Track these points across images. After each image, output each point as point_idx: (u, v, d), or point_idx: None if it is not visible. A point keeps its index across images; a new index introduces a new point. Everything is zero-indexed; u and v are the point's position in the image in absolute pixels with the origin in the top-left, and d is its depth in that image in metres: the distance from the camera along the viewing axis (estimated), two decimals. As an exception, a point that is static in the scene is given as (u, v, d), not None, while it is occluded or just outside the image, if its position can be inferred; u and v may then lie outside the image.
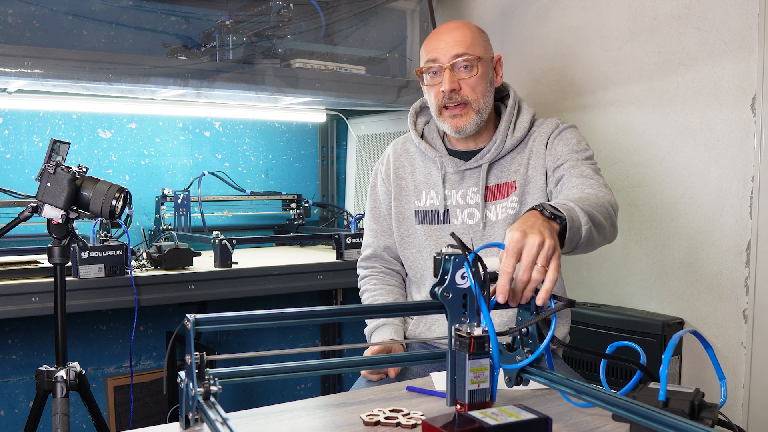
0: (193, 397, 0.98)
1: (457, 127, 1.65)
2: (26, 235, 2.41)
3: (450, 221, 1.71)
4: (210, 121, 2.89)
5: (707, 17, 2.14)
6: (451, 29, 1.67)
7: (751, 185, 2.06)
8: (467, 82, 1.64)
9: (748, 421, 2.09)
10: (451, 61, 1.63)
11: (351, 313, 1.19)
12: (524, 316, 1.17)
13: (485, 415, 0.95)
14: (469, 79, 1.64)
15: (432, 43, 1.67)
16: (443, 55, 1.64)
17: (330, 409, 1.17)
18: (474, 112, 1.65)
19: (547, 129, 1.69)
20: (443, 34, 1.67)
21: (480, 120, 1.67)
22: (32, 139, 2.52)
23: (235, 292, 2.21)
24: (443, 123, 1.68)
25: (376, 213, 1.83)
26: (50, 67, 1.96)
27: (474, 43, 1.65)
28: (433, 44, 1.67)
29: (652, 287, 2.32)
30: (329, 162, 3.19)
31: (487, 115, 1.68)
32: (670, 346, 0.89)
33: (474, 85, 1.64)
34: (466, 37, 1.65)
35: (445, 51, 1.64)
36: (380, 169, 1.83)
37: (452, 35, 1.65)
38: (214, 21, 2.42)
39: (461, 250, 1.10)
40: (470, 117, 1.65)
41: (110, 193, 1.62)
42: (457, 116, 1.65)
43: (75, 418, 2.54)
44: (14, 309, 1.87)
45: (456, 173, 1.71)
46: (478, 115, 1.65)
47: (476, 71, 1.64)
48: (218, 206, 2.88)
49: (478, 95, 1.65)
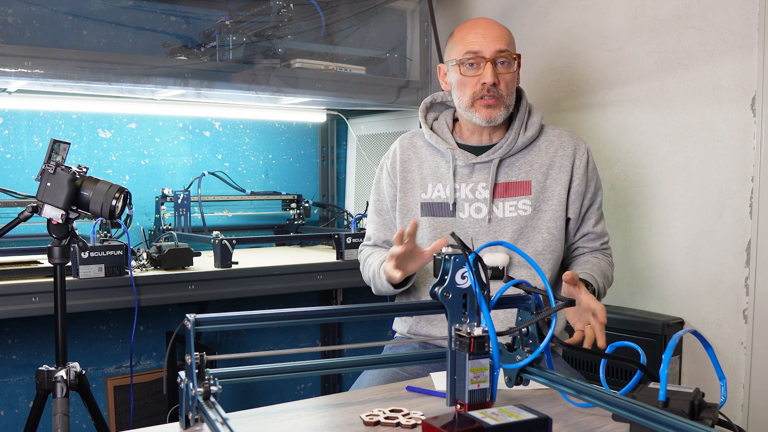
0: (193, 397, 0.99)
1: (490, 117, 1.70)
2: (26, 235, 2.41)
3: (457, 214, 1.72)
4: (210, 121, 2.89)
5: (707, 17, 2.14)
6: (491, 25, 1.72)
7: (751, 185, 2.06)
8: (504, 77, 1.69)
9: (748, 421, 2.09)
10: (493, 56, 1.67)
11: (351, 313, 1.19)
12: (524, 316, 1.17)
13: (485, 415, 0.95)
14: (506, 75, 1.69)
15: (472, 37, 1.69)
16: (486, 48, 1.67)
17: (330, 409, 1.17)
18: (504, 105, 1.71)
19: (568, 145, 1.75)
20: (483, 28, 1.70)
21: (507, 114, 1.73)
22: (32, 139, 2.52)
23: (235, 292, 2.21)
24: (475, 113, 1.71)
25: (379, 206, 1.84)
26: (50, 67, 1.96)
27: (511, 41, 1.72)
28: (472, 37, 1.69)
29: (652, 287, 2.32)
30: (329, 162, 3.19)
31: (510, 111, 1.74)
32: (670, 346, 0.89)
33: (509, 81, 1.70)
34: (504, 34, 1.71)
35: (488, 45, 1.67)
36: (386, 163, 1.84)
37: (493, 31, 1.69)
38: (214, 21, 2.42)
39: (461, 250, 1.10)
40: (501, 109, 1.70)
41: (110, 193, 1.62)
42: (492, 107, 1.69)
43: (75, 418, 2.54)
44: (14, 309, 1.87)
45: (466, 166, 1.74)
46: (506, 109, 1.72)
47: (513, 68, 1.70)
48: (218, 206, 2.88)
49: (510, 91, 1.72)
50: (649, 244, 2.32)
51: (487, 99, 1.68)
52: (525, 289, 1.16)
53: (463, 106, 1.72)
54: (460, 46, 1.71)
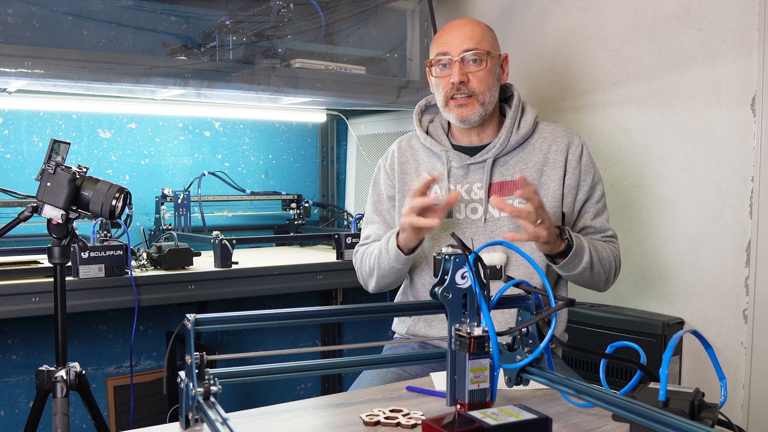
0: (193, 397, 0.99)
1: (462, 116, 1.70)
2: (26, 235, 2.41)
3: (453, 215, 1.72)
4: (210, 121, 2.89)
5: (707, 17, 2.14)
6: (462, 25, 1.73)
7: (751, 185, 2.06)
8: (475, 75, 1.69)
9: (748, 421, 2.09)
10: (461, 54, 1.68)
11: (351, 313, 1.19)
12: (524, 316, 1.17)
13: (485, 415, 0.95)
14: (477, 72, 1.69)
15: (443, 38, 1.72)
16: (454, 48, 1.69)
17: (330, 409, 1.17)
18: (479, 103, 1.70)
19: (562, 140, 1.74)
20: (454, 29, 1.72)
21: (485, 112, 1.71)
22: (32, 139, 2.52)
23: (235, 292, 2.21)
24: (449, 113, 1.72)
25: (379, 207, 1.84)
26: (50, 67, 1.96)
27: (483, 39, 1.71)
28: (444, 38, 1.72)
29: (652, 287, 2.32)
30: (329, 162, 3.19)
31: (491, 109, 1.73)
32: (670, 346, 0.89)
33: (482, 78, 1.69)
34: (476, 33, 1.70)
35: (455, 45, 1.69)
36: (384, 164, 1.85)
37: (463, 30, 1.71)
38: (214, 21, 2.42)
39: (461, 250, 1.10)
40: (475, 108, 1.70)
41: (110, 193, 1.62)
42: (463, 106, 1.69)
43: (75, 418, 2.54)
44: (14, 309, 1.87)
45: (461, 168, 1.74)
46: (482, 107, 1.70)
47: (485, 65, 1.69)
48: (218, 206, 2.88)
49: (485, 88, 1.70)
50: (649, 244, 2.32)
51: (458, 98, 1.69)
52: (525, 289, 1.16)
53: (440, 105, 1.75)
54: (434, 48, 1.74)
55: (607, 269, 1.68)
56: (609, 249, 1.71)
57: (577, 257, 1.58)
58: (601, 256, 1.65)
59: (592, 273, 1.64)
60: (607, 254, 1.68)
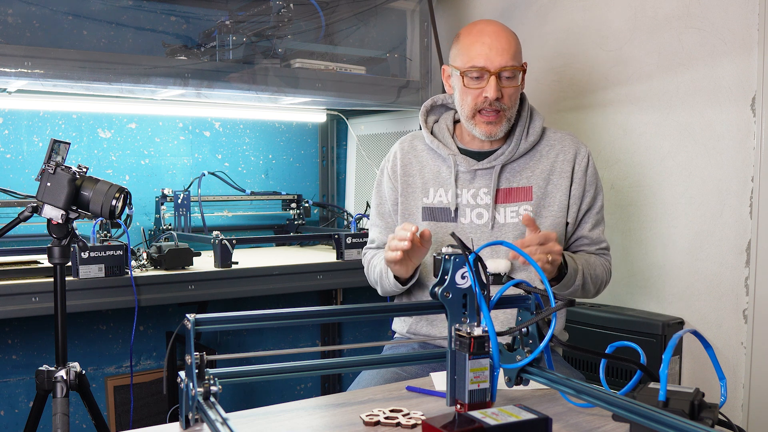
0: (193, 397, 0.99)
1: (490, 132, 1.69)
2: (26, 235, 2.41)
3: (458, 220, 1.72)
4: (210, 121, 2.89)
5: (707, 17, 2.14)
6: (497, 34, 1.65)
7: (751, 185, 2.06)
8: (508, 91, 1.66)
9: (748, 421, 2.09)
10: (498, 70, 1.63)
11: (351, 313, 1.19)
12: (524, 316, 1.17)
13: (485, 415, 0.95)
14: (509, 88, 1.66)
15: (478, 48, 1.64)
16: (492, 63, 1.63)
17: (330, 409, 1.17)
18: (506, 119, 1.68)
19: (569, 149, 1.74)
20: (490, 37, 1.64)
21: (508, 126, 1.70)
22: (32, 139, 2.52)
23: (235, 292, 2.21)
24: (474, 127, 1.69)
25: (381, 210, 1.84)
26: (50, 67, 1.96)
27: (518, 53, 1.68)
28: (479, 49, 1.64)
29: (652, 287, 2.32)
30: (329, 162, 3.19)
31: (511, 123, 1.72)
32: (670, 346, 0.89)
33: (512, 94, 1.67)
34: (512, 46, 1.65)
35: (494, 59, 1.63)
36: (386, 167, 1.84)
37: (500, 43, 1.64)
38: (214, 21, 2.42)
39: (461, 250, 1.10)
40: (502, 124, 1.68)
41: (110, 193, 1.62)
42: (492, 123, 1.67)
43: (75, 418, 2.54)
44: (14, 309, 1.87)
45: (467, 172, 1.73)
46: (508, 123, 1.69)
47: (518, 81, 1.67)
48: (218, 206, 2.88)
49: (513, 103, 1.69)
50: (649, 244, 2.32)
51: (487, 114, 1.66)
52: (525, 289, 1.16)
53: (464, 115, 1.70)
54: (465, 56, 1.66)
55: (597, 284, 1.73)
56: (601, 265, 1.74)
57: (570, 280, 1.62)
58: (594, 274, 1.69)
59: (583, 290, 1.69)
60: (600, 271, 1.72)
